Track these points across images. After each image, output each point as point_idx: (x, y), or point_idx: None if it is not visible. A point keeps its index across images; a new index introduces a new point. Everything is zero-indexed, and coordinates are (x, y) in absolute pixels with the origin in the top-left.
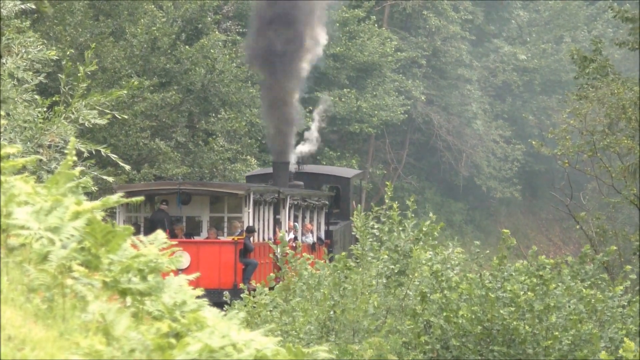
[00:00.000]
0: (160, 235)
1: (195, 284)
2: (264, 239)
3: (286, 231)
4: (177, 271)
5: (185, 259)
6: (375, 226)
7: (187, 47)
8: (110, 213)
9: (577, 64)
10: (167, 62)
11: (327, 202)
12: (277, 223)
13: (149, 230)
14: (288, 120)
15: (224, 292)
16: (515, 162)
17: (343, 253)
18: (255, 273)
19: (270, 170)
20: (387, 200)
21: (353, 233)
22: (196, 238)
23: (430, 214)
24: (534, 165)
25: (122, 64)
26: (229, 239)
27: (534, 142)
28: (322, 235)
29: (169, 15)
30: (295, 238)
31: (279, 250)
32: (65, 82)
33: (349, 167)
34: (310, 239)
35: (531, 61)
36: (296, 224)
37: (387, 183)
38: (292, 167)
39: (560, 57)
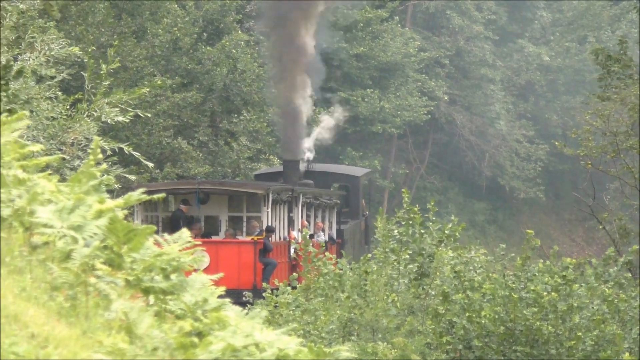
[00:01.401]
0: (184, 233)
1: (215, 284)
2: (280, 238)
3: (299, 230)
4: (196, 271)
5: (205, 259)
6: (396, 230)
7: (208, 48)
8: (129, 212)
9: (601, 64)
10: (189, 62)
11: (338, 201)
12: (290, 222)
13: (167, 229)
14: (299, 118)
15: (244, 293)
16: (538, 161)
17: (368, 255)
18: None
19: (279, 168)
20: (405, 206)
21: (375, 236)
22: (214, 238)
23: (452, 217)
24: (557, 165)
25: (144, 63)
26: (248, 238)
27: (556, 143)
28: (334, 235)
29: (191, 15)
30: (312, 236)
31: (292, 251)
32: (89, 80)
33: (371, 167)
34: (322, 237)
35: (555, 60)
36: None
37: (404, 190)
38: (302, 166)
39: (584, 57)
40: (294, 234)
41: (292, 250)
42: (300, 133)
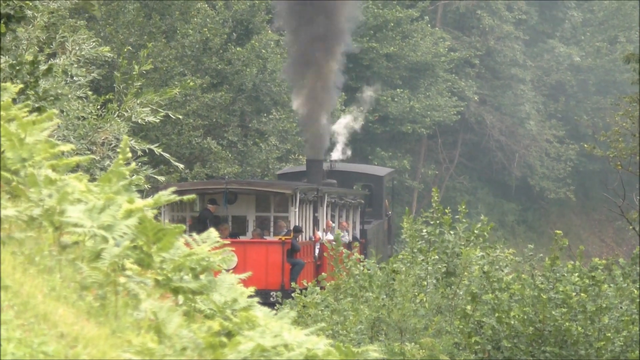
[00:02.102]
0: (212, 233)
1: (243, 284)
2: (306, 238)
3: (324, 230)
4: (228, 271)
5: (233, 259)
6: (425, 230)
7: (238, 48)
8: (158, 212)
9: (633, 66)
10: (219, 62)
11: (362, 201)
12: (315, 222)
13: (195, 229)
14: (323, 116)
15: (272, 293)
16: (568, 162)
17: (399, 255)
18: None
19: (302, 168)
20: (434, 205)
21: (403, 237)
22: (242, 238)
23: (482, 217)
24: (588, 166)
25: (174, 64)
26: (275, 238)
27: (585, 145)
28: (358, 234)
29: (220, 15)
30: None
31: (317, 251)
32: (120, 80)
33: (400, 167)
34: (346, 237)
35: (585, 60)
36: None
37: (434, 189)
38: (325, 165)
39: (615, 57)
40: (319, 234)
41: (316, 251)
42: (324, 132)
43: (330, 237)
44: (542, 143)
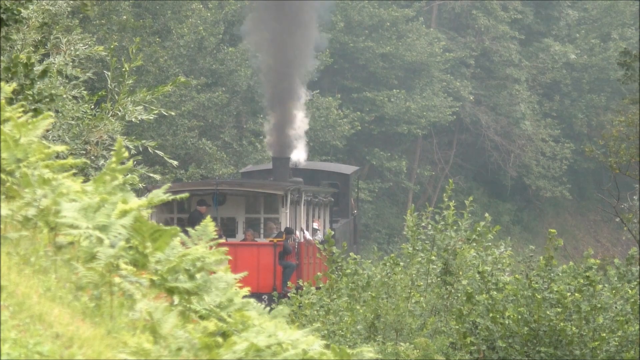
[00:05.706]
0: (209, 227)
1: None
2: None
3: (301, 229)
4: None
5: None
6: (430, 226)
7: (231, 49)
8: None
9: (624, 63)
10: (213, 62)
11: (332, 199)
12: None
13: (184, 231)
14: (289, 114)
15: (263, 296)
16: (564, 160)
17: (392, 255)
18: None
19: (266, 166)
20: (445, 199)
21: (404, 232)
22: (230, 240)
23: (486, 215)
24: (583, 164)
25: (170, 63)
26: (267, 240)
27: (586, 149)
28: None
29: (213, 16)
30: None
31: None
32: (111, 79)
33: (398, 167)
34: (308, 235)
35: (580, 57)
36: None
37: (450, 180)
38: (291, 163)
39: (609, 55)
40: (297, 232)
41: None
42: (290, 129)
43: (307, 235)
44: (538, 142)
